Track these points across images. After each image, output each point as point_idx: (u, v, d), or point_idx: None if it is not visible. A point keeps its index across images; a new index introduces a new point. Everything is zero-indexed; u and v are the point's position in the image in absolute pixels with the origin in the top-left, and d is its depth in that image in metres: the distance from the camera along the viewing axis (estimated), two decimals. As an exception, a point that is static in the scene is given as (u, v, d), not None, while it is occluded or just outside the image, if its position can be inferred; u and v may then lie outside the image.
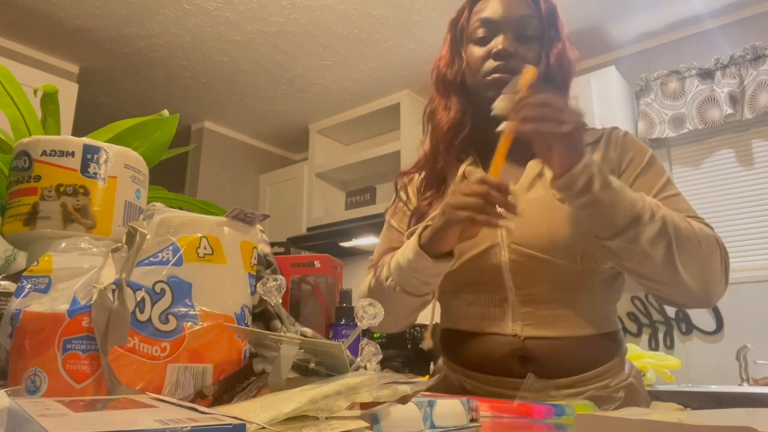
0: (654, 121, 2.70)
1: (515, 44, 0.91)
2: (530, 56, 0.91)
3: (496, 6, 0.93)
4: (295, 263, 1.02)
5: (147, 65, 3.21)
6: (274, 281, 0.58)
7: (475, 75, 0.94)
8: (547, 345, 0.86)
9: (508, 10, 0.92)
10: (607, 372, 0.88)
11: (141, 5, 2.70)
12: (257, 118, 3.84)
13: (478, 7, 0.97)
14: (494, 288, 0.90)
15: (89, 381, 0.47)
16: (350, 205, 3.71)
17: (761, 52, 2.46)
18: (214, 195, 3.78)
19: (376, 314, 0.55)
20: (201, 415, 0.30)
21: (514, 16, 0.92)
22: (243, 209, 0.58)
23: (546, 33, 0.94)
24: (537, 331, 0.87)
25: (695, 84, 2.61)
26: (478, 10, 0.96)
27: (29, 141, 0.72)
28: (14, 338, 0.50)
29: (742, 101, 2.49)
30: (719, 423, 0.33)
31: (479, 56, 0.93)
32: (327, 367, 0.50)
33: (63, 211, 0.68)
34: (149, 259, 0.53)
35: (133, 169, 0.76)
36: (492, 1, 0.95)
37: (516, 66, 0.87)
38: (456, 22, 1.01)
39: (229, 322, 0.54)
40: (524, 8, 0.93)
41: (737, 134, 2.59)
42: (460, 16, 1.01)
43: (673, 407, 0.68)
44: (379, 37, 2.93)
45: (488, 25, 0.93)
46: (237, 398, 0.50)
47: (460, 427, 0.52)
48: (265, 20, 2.81)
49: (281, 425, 0.39)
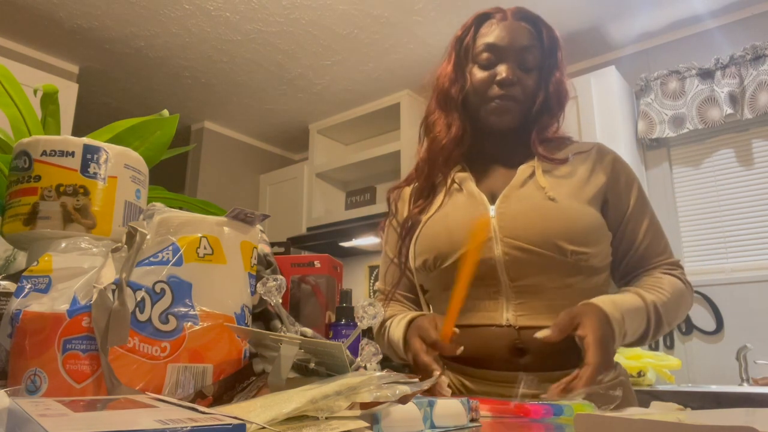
0: (654, 121, 2.70)
1: (518, 72, 0.96)
2: (530, 85, 0.97)
3: (502, 34, 0.97)
4: (295, 263, 1.02)
5: (147, 65, 3.21)
6: (274, 281, 0.58)
7: (479, 97, 0.98)
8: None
9: (513, 39, 0.96)
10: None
11: (141, 5, 2.70)
12: (257, 118, 3.84)
13: (484, 31, 1.00)
14: (488, 281, 0.91)
15: (89, 381, 0.47)
16: (350, 205, 3.71)
17: (761, 52, 2.46)
18: (214, 195, 3.78)
19: (376, 314, 0.56)
20: (201, 415, 0.30)
21: (518, 46, 0.96)
22: (243, 209, 0.58)
23: (545, 63, 0.98)
24: (531, 321, 0.89)
25: (695, 84, 2.61)
26: (483, 34, 1.00)
27: (29, 141, 0.72)
28: (14, 338, 0.50)
29: (742, 101, 2.48)
30: (719, 423, 0.33)
31: (483, 80, 0.97)
32: (327, 367, 0.50)
33: (63, 211, 0.68)
34: (149, 259, 0.53)
35: (133, 169, 0.76)
36: (498, 28, 0.98)
37: (518, 94, 0.95)
38: (461, 40, 1.03)
39: (229, 322, 0.54)
40: (527, 39, 0.97)
41: (737, 134, 2.59)
42: (466, 35, 1.02)
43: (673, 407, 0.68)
44: (379, 37, 2.93)
45: (493, 51, 0.97)
46: (237, 398, 0.50)
47: (460, 427, 0.52)
48: (265, 20, 2.81)
49: (281, 425, 0.39)
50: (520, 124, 0.99)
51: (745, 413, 0.55)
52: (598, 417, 0.36)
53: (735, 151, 2.59)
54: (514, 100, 0.95)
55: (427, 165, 1.04)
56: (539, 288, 0.90)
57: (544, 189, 0.92)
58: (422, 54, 3.03)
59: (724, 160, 2.61)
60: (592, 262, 0.91)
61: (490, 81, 0.96)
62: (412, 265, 1.01)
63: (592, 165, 0.97)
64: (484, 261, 0.91)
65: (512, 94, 0.95)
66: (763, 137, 2.53)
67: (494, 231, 0.91)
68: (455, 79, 1.01)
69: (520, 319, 0.89)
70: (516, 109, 0.97)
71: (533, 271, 0.90)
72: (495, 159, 1.02)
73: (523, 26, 0.98)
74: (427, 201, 1.03)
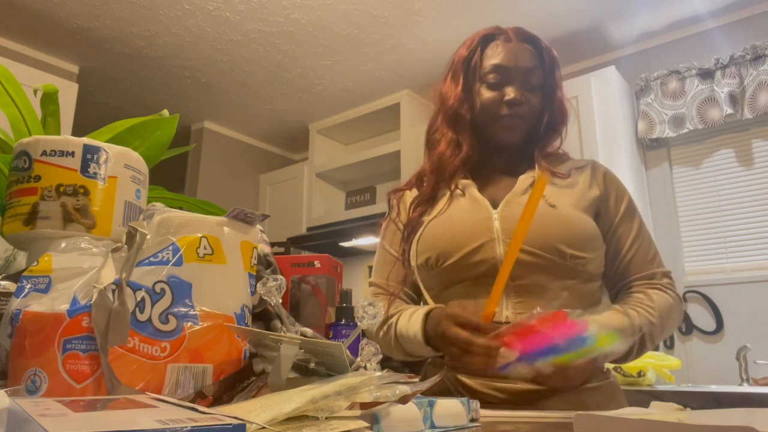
0: (654, 121, 2.70)
1: (524, 92, 1.03)
2: (535, 103, 1.04)
3: (509, 56, 1.04)
4: (295, 263, 1.02)
5: (147, 65, 3.21)
6: (274, 281, 0.58)
7: (488, 116, 1.04)
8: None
9: (519, 61, 1.03)
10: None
11: (141, 5, 2.70)
12: (257, 118, 3.84)
13: (490, 52, 1.06)
14: (489, 280, 0.92)
15: (89, 381, 0.47)
16: (350, 205, 3.71)
17: (761, 52, 2.46)
18: (214, 195, 3.78)
19: (376, 314, 0.56)
20: (201, 415, 0.30)
21: (523, 67, 1.03)
22: (243, 209, 0.58)
23: (547, 82, 1.06)
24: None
25: (695, 84, 2.61)
26: (489, 55, 1.06)
27: (29, 141, 0.72)
28: (14, 338, 0.50)
29: (742, 101, 2.48)
30: (719, 423, 0.33)
31: (492, 100, 1.04)
32: (327, 367, 0.50)
33: (63, 211, 0.68)
34: (149, 259, 0.53)
35: (133, 169, 0.76)
36: (504, 50, 1.04)
37: (525, 112, 1.03)
38: (468, 60, 1.08)
39: (229, 322, 0.54)
40: (531, 60, 1.04)
41: (737, 134, 2.59)
42: (472, 55, 1.08)
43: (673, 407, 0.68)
44: (379, 37, 2.93)
45: (500, 72, 1.03)
46: (237, 398, 0.51)
47: (460, 427, 0.52)
48: (265, 20, 2.81)
49: (281, 425, 0.39)
50: (525, 139, 1.06)
51: (745, 413, 0.55)
52: (599, 417, 0.36)
53: (735, 151, 2.59)
54: (522, 118, 1.03)
55: (434, 176, 1.08)
56: (539, 288, 0.93)
57: (544, 196, 0.96)
58: (422, 54, 3.03)
59: (724, 160, 2.61)
60: (589, 267, 0.96)
61: (499, 101, 1.02)
62: (414, 263, 1.04)
63: (589, 179, 1.04)
64: (487, 260, 0.94)
65: (520, 113, 1.02)
66: (763, 137, 2.53)
67: (497, 233, 0.95)
68: (464, 99, 1.07)
69: (519, 317, 0.91)
70: (523, 126, 1.04)
71: (534, 272, 0.93)
72: (497, 170, 1.08)
73: (526, 47, 1.05)
74: (426, 206, 1.07)
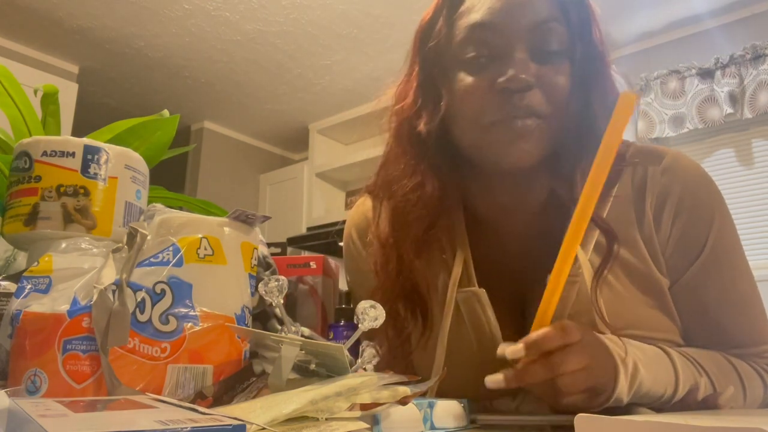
0: (654, 120, 2.70)
1: (534, 67, 0.56)
2: (561, 85, 0.57)
3: (495, 3, 0.57)
4: (292, 264, 1.02)
5: (147, 65, 3.20)
6: (275, 282, 0.58)
7: (470, 124, 0.59)
8: None
9: (518, 9, 0.57)
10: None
11: (141, 5, 2.70)
12: (257, 118, 3.84)
13: (465, 6, 0.60)
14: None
15: (89, 381, 0.47)
16: (350, 205, 3.71)
17: (761, 52, 2.46)
18: (214, 195, 3.78)
19: (377, 317, 0.55)
20: (201, 415, 0.30)
21: (529, 20, 0.57)
22: (244, 210, 0.58)
23: (578, 44, 0.59)
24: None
25: (695, 83, 2.61)
26: (464, 11, 0.60)
27: (29, 141, 0.72)
28: (14, 339, 0.50)
29: (742, 101, 2.48)
30: (727, 424, 0.33)
31: (473, 92, 0.57)
32: (327, 368, 0.50)
33: (63, 211, 0.68)
34: (149, 260, 0.53)
35: (134, 169, 0.76)
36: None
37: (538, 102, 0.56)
38: (426, 33, 0.65)
39: (230, 322, 0.54)
40: (542, 6, 0.57)
41: (737, 134, 2.59)
42: (434, 23, 0.64)
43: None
44: (379, 37, 2.92)
45: (485, 35, 0.57)
46: (237, 399, 0.50)
47: (460, 428, 0.52)
48: (265, 20, 2.81)
49: (281, 426, 0.39)
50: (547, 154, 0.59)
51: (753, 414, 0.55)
52: (599, 417, 0.36)
53: (735, 150, 2.59)
54: (536, 115, 0.57)
55: (394, 248, 0.71)
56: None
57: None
58: (422, 54, 3.02)
59: (724, 159, 2.61)
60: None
61: (486, 91, 0.57)
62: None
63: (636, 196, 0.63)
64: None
65: (529, 105, 0.56)
66: (763, 137, 2.53)
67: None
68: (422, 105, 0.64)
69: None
70: (540, 132, 0.57)
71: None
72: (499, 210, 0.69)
73: None
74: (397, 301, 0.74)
